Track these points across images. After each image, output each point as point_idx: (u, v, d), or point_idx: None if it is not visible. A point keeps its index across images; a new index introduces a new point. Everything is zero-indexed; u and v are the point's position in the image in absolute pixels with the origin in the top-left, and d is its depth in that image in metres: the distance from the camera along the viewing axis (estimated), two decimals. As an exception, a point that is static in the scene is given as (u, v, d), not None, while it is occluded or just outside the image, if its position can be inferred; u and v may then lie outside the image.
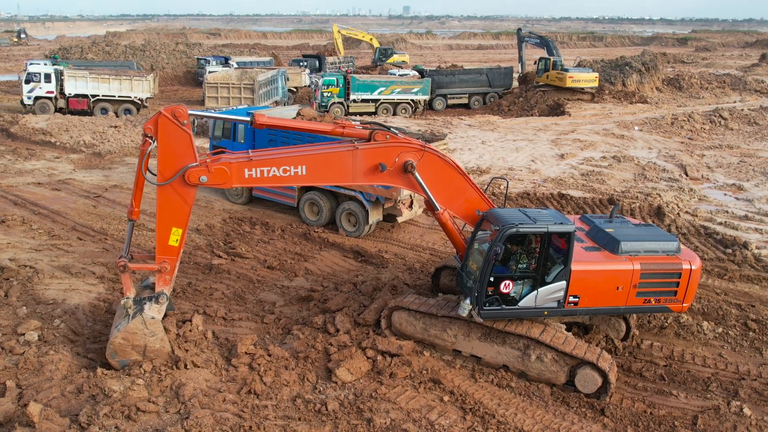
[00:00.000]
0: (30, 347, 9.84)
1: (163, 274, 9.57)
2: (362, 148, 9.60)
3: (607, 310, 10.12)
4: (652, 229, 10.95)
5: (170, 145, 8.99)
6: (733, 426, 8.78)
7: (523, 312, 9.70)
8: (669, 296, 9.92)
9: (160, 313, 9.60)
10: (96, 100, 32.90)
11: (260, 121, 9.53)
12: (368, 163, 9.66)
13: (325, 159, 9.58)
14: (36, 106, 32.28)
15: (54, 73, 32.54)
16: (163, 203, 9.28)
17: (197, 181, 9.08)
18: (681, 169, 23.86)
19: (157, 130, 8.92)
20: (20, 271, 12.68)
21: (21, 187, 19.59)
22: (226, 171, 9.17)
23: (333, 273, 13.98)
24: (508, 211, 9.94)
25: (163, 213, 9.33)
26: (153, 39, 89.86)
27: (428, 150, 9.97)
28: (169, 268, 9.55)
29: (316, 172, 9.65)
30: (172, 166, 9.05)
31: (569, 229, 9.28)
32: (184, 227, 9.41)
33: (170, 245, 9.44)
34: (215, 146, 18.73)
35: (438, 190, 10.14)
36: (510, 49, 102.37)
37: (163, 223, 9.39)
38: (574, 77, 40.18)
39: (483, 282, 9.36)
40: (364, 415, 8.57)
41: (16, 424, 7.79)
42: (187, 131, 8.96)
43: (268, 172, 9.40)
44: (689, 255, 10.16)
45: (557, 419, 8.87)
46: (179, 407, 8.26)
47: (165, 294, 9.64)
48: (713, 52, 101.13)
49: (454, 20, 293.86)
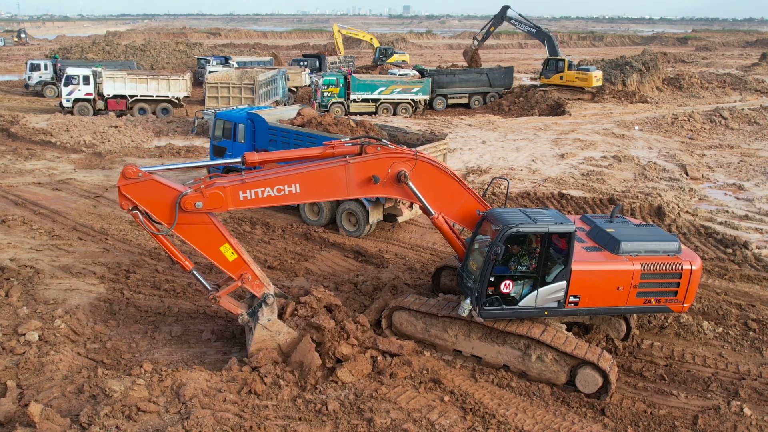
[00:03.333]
0: (31, 347, 9.85)
1: (251, 282, 9.77)
2: (354, 162, 9.56)
3: (608, 311, 10.10)
4: (652, 229, 10.93)
5: (149, 198, 9.08)
6: (733, 426, 8.78)
7: (524, 312, 9.69)
8: (669, 296, 9.89)
9: (273, 312, 9.87)
10: (134, 101, 33.15)
11: (251, 160, 9.63)
12: (361, 176, 9.64)
13: (318, 176, 9.55)
14: (75, 109, 32.47)
15: (92, 74, 32.78)
16: (192, 239, 9.41)
17: (193, 207, 9.05)
18: (681, 169, 23.85)
19: (129, 200, 9.02)
20: (21, 271, 12.69)
21: (21, 187, 19.60)
22: (221, 195, 9.17)
23: (333, 273, 13.98)
24: (508, 211, 9.93)
25: (201, 245, 9.50)
26: (153, 39, 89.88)
27: (420, 158, 9.91)
28: (250, 276, 9.75)
29: (311, 190, 9.62)
30: (165, 211, 9.13)
31: (570, 229, 9.27)
32: (226, 240, 9.50)
33: (232, 261, 9.62)
34: (216, 146, 18.76)
35: (432, 196, 10.12)
36: (510, 48, 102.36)
37: (210, 252, 9.55)
38: (598, 76, 40.18)
39: (483, 282, 9.37)
40: (365, 415, 8.58)
41: (17, 424, 7.79)
42: (148, 177, 9.01)
43: (263, 193, 9.38)
44: (690, 255, 10.12)
45: (558, 419, 8.88)
46: (180, 407, 8.26)
47: (269, 294, 9.85)
48: (714, 52, 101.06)
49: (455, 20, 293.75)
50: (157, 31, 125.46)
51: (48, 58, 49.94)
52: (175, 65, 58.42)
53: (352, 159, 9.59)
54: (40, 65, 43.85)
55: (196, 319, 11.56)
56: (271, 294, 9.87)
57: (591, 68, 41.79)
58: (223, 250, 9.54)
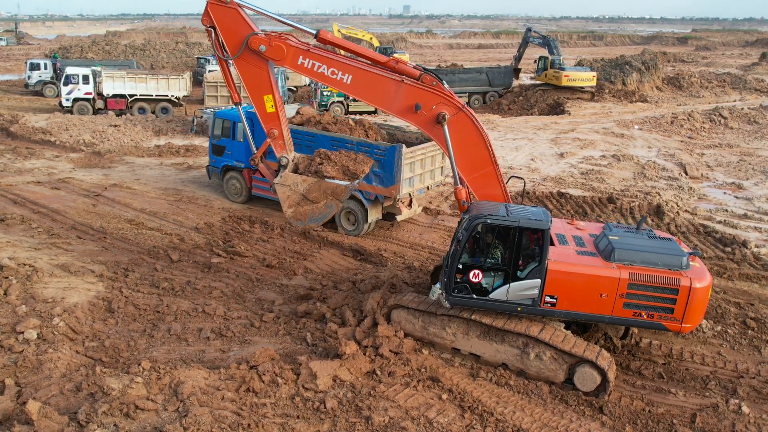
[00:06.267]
0: (29, 345, 9.84)
1: (276, 139, 11.47)
2: (407, 84, 10.20)
3: (590, 317, 9.58)
4: (668, 243, 9.98)
5: (226, 24, 10.51)
6: (731, 424, 8.78)
7: (494, 305, 9.64)
8: (664, 312, 9.24)
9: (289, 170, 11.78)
10: (134, 100, 33.17)
11: (325, 38, 10.63)
12: (408, 99, 10.20)
13: (371, 79, 10.35)
14: (75, 108, 32.47)
15: (92, 74, 32.79)
16: (245, 76, 10.83)
17: (257, 48, 10.39)
18: (681, 168, 23.86)
19: (211, 17, 10.40)
20: (19, 270, 12.68)
21: (21, 186, 19.60)
22: (284, 50, 10.40)
23: (332, 271, 13.98)
24: (490, 203, 10.07)
25: (250, 86, 10.91)
26: (153, 38, 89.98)
27: (465, 111, 10.18)
28: (277, 132, 11.41)
29: (359, 87, 10.45)
30: (235, 41, 10.51)
31: (543, 226, 9.23)
32: (272, 92, 10.83)
33: (269, 113, 11.14)
34: (215, 145, 18.77)
35: (461, 153, 10.33)
36: (510, 48, 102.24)
37: (255, 96, 10.99)
38: (570, 76, 40.22)
39: (452, 269, 9.53)
40: (363, 413, 8.57)
41: (15, 422, 7.78)
42: (233, 7, 10.40)
43: (318, 68, 10.41)
44: (698, 273, 9.33)
45: (556, 417, 8.87)
46: (178, 405, 8.25)
47: (284, 157, 11.61)
48: (713, 51, 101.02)
49: (454, 19, 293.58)
50: (157, 31, 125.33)
51: (48, 57, 49.95)
52: (175, 65, 58.40)
53: (407, 80, 10.19)
54: (40, 65, 43.86)
55: (195, 317, 11.56)
56: (287, 157, 11.33)
57: (582, 68, 42.27)
58: (265, 99, 10.95)
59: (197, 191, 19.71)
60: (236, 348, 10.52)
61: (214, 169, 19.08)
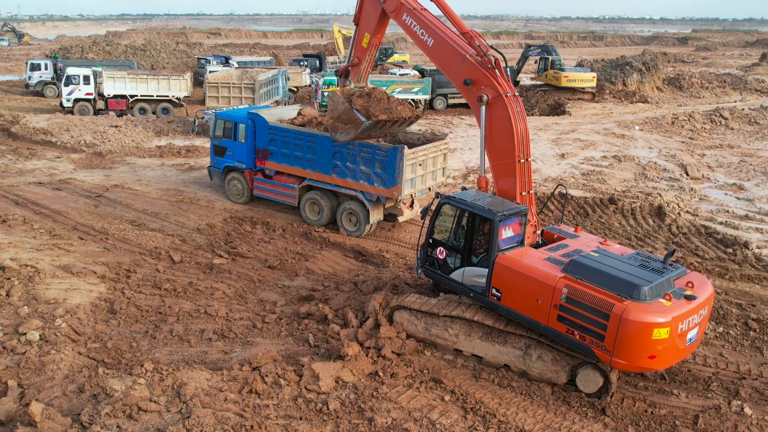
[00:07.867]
0: (31, 347, 9.86)
1: (355, 67, 13.58)
2: (468, 60, 10.93)
3: (528, 321, 9.35)
4: (667, 272, 8.97)
5: None
6: (733, 425, 8.78)
7: (452, 285, 10.47)
8: (595, 338, 8.58)
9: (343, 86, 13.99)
10: (134, 100, 33.16)
11: None
12: (465, 73, 10.99)
13: (446, 47, 11.36)
14: (75, 108, 32.48)
15: (93, 74, 32.78)
16: (363, 15, 13.07)
17: None
18: (681, 169, 23.85)
19: None
20: (21, 271, 12.69)
21: (22, 187, 19.60)
22: (395, 4, 12.07)
23: (334, 272, 13.98)
24: (474, 192, 10.79)
25: (362, 21, 13.19)
26: (153, 39, 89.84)
27: (505, 99, 10.53)
28: (357, 61, 13.46)
29: (435, 51, 11.62)
30: None
31: (491, 216, 9.66)
32: (372, 36, 12.94)
33: (362, 46, 13.26)
34: (216, 146, 18.76)
35: (490, 137, 10.85)
36: (510, 48, 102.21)
37: (362, 29, 13.19)
38: (569, 77, 40.32)
39: (425, 243, 10.77)
40: (366, 414, 8.58)
41: (18, 423, 7.80)
42: None
43: (414, 26, 11.81)
44: (653, 308, 8.27)
45: (558, 418, 8.88)
46: (181, 406, 8.27)
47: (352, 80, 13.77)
48: (714, 52, 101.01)
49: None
50: (157, 31, 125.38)
51: (48, 57, 49.94)
52: (176, 65, 58.36)
53: (469, 56, 10.92)
54: (41, 65, 43.86)
55: (197, 318, 11.57)
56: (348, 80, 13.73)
57: (582, 69, 42.40)
58: (366, 36, 13.08)
59: (199, 192, 19.71)
60: (238, 349, 10.53)
61: (216, 169, 19.07)
